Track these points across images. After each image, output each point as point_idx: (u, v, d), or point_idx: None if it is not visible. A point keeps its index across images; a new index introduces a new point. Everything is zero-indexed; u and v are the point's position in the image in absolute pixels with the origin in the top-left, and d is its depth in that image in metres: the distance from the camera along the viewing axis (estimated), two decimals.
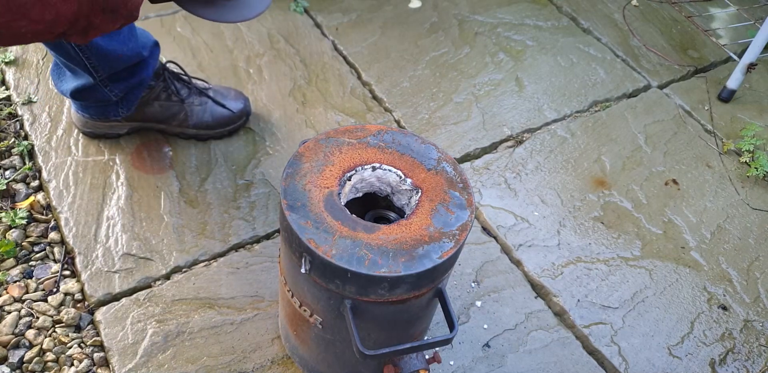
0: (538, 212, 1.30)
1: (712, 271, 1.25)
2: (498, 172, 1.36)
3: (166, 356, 1.04)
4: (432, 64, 1.57)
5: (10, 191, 1.25)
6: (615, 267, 1.23)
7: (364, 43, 1.60)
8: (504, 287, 1.18)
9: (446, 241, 0.70)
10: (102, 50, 1.08)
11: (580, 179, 1.37)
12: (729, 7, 1.82)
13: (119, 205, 1.21)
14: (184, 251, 1.16)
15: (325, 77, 1.51)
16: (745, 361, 1.13)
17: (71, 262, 1.15)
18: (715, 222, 1.33)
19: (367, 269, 0.66)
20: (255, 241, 1.20)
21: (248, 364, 1.04)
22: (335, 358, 0.88)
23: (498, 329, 1.12)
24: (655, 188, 1.38)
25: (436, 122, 1.44)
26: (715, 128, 1.52)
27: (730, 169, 1.43)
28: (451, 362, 1.07)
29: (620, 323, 1.15)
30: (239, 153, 1.33)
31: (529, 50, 1.64)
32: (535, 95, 1.53)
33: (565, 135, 1.45)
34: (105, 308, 1.09)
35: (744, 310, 1.19)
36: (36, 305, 1.10)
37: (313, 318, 0.80)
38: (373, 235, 0.69)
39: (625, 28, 1.74)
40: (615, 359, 1.10)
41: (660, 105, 1.55)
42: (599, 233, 1.28)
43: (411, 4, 1.73)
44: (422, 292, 0.73)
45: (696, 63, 1.68)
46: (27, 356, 1.04)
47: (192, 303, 1.10)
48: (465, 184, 0.75)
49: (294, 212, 0.70)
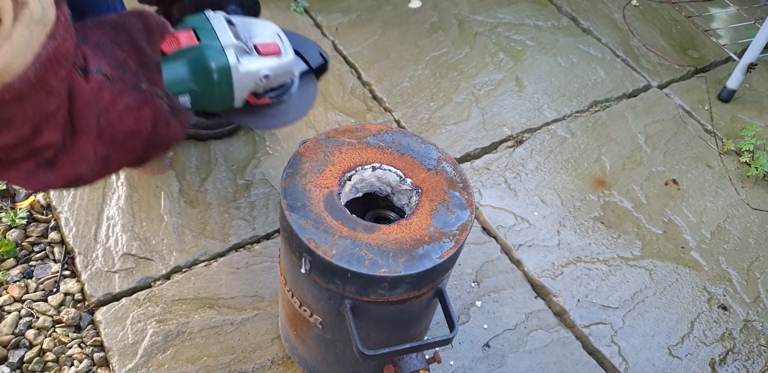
0: (538, 212, 1.30)
1: (712, 271, 1.25)
2: (498, 172, 1.36)
3: (166, 356, 1.04)
4: (432, 64, 1.57)
5: (10, 190, 1.25)
6: (615, 267, 1.23)
7: (364, 43, 1.60)
8: (504, 287, 1.18)
9: (446, 241, 0.70)
10: None
11: (580, 179, 1.37)
12: (729, 7, 1.82)
13: (119, 205, 1.21)
14: (184, 251, 1.16)
15: (325, 77, 1.51)
16: (745, 361, 1.13)
17: (71, 262, 1.15)
18: (715, 222, 1.33)
19: (367, 269, 0.66)
20: (255, 241, 1.20)
21: (248, 364, 1.04)
22: (335, 358, 0.88)
23: (498, 329, 1.12)
24: (655, 187, 1.38)
25: (436, 122, 1.44)
26: (715, 128, 1.52)
27: (730, 169, 1.43)
28: (451, 362, 1.07)
29: (620, 323, 1.15)
30: (239, 153, 1.33)
31: (529, 50, 1.64)
32: (535, 95, 1.53)
33: (565, 135, 1.45)
34: (105, 308, 1.09)
35: (744, 310, 1.19)
36: (36, 305, 1.10)
37: (313, 318, 0.80)
38: (373, 235, 0.69)
39: (625, 28, 1.74)
40: (615, 359, 1.10)
41: (660, 105, 1.55)
42: (599, 233, 1.28)
43: (411, 4, 1.73)
44: (422, 292, 0.73)
45: (696, 63, 1.68)
46: (27, 356, 1.04)
47: (192, 303, 1.10)
48: (465, 184, 0.75)
49: (294, 212, 0.70)
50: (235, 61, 0.59)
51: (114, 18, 0.57)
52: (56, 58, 0.46)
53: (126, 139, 0.55)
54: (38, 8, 0.44)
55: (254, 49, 0.61)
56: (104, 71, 0.52)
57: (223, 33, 0.60)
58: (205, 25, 0.60)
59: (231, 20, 0.62)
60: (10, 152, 0.48)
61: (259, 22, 0.64)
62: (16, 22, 0.43)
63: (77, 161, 0.53)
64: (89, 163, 0.54)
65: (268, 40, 0.62)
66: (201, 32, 0.59)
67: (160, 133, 0.58)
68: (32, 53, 0.44)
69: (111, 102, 0.52)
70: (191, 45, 0.58)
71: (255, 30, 0.63)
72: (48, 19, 0.45)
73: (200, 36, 0.59)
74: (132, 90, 0.54)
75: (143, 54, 0.56)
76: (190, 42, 0.58)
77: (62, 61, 0.47)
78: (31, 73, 0.44)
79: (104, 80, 0.52)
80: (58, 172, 0.52)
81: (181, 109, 0.60)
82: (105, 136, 0.53)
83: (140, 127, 0.56)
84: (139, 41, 0.56)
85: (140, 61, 0.56)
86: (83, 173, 0.54)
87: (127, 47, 0.55)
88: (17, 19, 0.43)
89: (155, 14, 0.59)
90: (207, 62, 0.58)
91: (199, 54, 0.58)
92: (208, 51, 0.58)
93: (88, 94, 0.50)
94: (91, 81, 0.50)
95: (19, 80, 0.44)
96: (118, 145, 0.55)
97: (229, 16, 0.63)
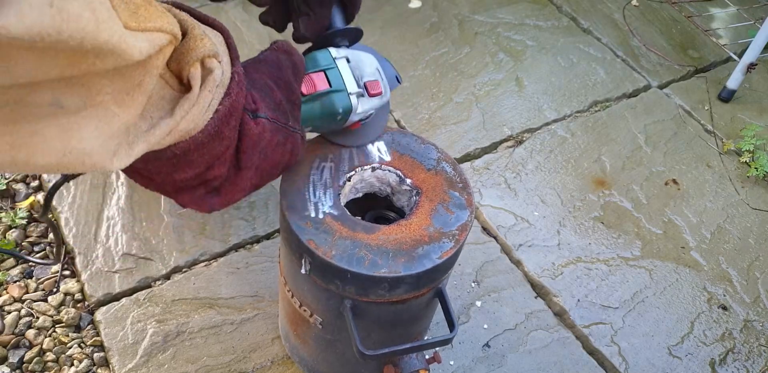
0: (538, 211, 1.30)
1: (712, 271, 1.25)
2: (498, 172, 1.36)
3: (166, 356, 1.04)
4: (432, 64, 1.57)
5: (10, 190, 1.25)
6: (615, 267, 1.23)
7: (364, 43, 1.60)
8: (504, 287, 1.18)
9: (446, 241, 0.70)
10: None
11: (580, 179, 1.37)
12: (729, 7, 1.82)
13: (119, 205, 1.21)
14: (184, 251, 1.16)
15: None
16: (745, 361, 1.13)
17: (71, 262, 1.15)
18: (715, 222, 1.33)
19: (367, 269, 0.66)
20: (255, 241, 1.20)
21: (248, 364, 1.04)
22: (335, 358, 0.88)
23: (498, 329, 1.12)
24: (655, 187, 1.38)
25: (436, 122, 1.44)
26: (715, 128, 1.52)
27: (730, 169, 1.43)
28: (451, 362, 1.07)
29: (620, 323, 1.15)
30: None
31: (529, 50, 1.64)
32: (535, 95, 1.53)
33: (565, 135, 1.45)
34: (105, 308, 1.09)
35: (744, 310, 1.19)
36: (36, 305, 1.10)
37: (313, 318, 0.80)
38: (373, 235, 0.69)
39: (625, 28, 1.74)
40: (615, 359, 1.10)
41: (660, 105, 1.55)
42: (599, 233, 1.28)
43: (411, 4, 1.73)
44: (422, 292, 0.73)
45: (696, 63, 1.68)
46: (27, 356, 1.04)
47: (192, 303, 1.10)
48: (465, 184, 0.75)
49: (294, 212, 0.70)
50: (356, 105, 0.69)
51: (270, 57, 0.64)
52: (230, 112, 0.52)
53: (272, 169, 0.65)
54: (220, 74, 0.49)
55: (365, 90, 0.70)
56: (268, 116, 0.59)
57: (348, 77, 0.69)
58: (332, 66, 0.69)
59: (348, 58, 0.71)
60: (186, 182, 0.56)
61: (364, 57, 0.72)
62: (203, 88, 0.48)
63: (238, 190, 0.61)
64: (246, 190, 0.63)
65: (373, 79, 0.71)
66: (330, 76, 0.68)
67: (293, 160, 0.67)
68: (212, 111, 0.51)
69: (270, 140, 0.60)
70: (325, 89, 0.67)
71: (364, 68, 0.71)
72: (226, 79, 0.52)
73: (331, 81, 0.68)
74: (283, 127, 0.62)
75: (293, 93, 0.63)
76: (323, 86, 0.67)
77: (234, 113, 0.53)
78: (211, 127, 0.51)
79: (267, 122, 0.59)
80: (223, 198, 0.61)
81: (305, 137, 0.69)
82: (261, 167, 0.62)
83: (285, 158, 0.65)
84: (291, 81, 0.64)
85: (289, 100, 0.63)
86: (239, 197, 0.63)
87: (282, 86, 0.63)
88: (204, 85, 0.48)
89: (297, 51, 0.67)
90: (336, 107, 0.68)
91: (330, 99, 0.67)
92: (337, 97, 0.68)
93: (254, 135, 0.57)
94: (259, 125, 0.57)
95: (201, 133, 0.51)
96: (266, 173, 0.64)
97: (346, 54, 0.71)
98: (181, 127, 0.48)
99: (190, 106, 0.48)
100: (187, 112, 0.48)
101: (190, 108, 0.48)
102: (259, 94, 0.59)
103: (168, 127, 0.47)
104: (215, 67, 0.48)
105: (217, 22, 0.53)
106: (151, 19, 0.41)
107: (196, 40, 0.47)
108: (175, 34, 0.44)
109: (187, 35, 0.47)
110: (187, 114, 0.48)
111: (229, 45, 0.53)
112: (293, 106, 0.64)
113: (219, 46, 0.51)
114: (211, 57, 0.48)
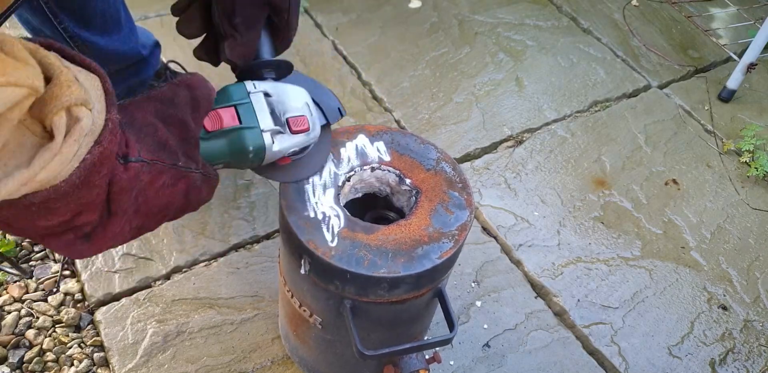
0: (538, 211, 1.30)
1: (712, 271, 1.25)
2: (498, 172, 1.36)
3: (166, 356, 1.04)
4: (432, 64, 1.57)
5: None
6: (615, 267, 1.23)
7: (364, 43, 1.60)
8: (504, 287, 1.18)
9: (445, 241, 0.70)
10: (101, 49, 1.08)
11: (580, 179, 1.37)
12: (729, 7, 1.82)
13: None
14: (184, 251, 1.16)
15: (325, 77, 1.51)
16: (745, 361, 1.13)
17: (71, 262, 1.15)
18: (715, 222, 1.33)
19: (367, 269, 0.66)
20: (255, 241, 1.20)
21: (248, 364, 1.04)
22: (335, 358, 0.88)
23: (498, 329, 1.12)
24: (655, 187, 1.38)
25: (436, 122, 1.44)
26: (715, 128, 1.52)
27: (730, 169, 1.43)
28: (451, 362, 1.07)
29: (620, 323, 1.15)
30: None
31: (529, 50, 1.64)
32: (535, 95, 1.53)
33: (565, 135, 1.45)
34: (105, 308, 1.09)
35: (744, 310, 1.19)
36: (36, 305, 1.10)
37: (313, 318, 0.80)
38: (373, 235, 0.69)
39: (625, 28, 1.74)
40: (615, 359, 1.10)
41: (660, 105, 1.55)
42: (599, 233, 1.28)
43: (411, 4, 1.73)
44: (422, 292, 0.73)
45: (696, 63, 1.67)
46: (27, 356, 1.04)
47: (192, 303, 1.10)
48: (464, 184, 0.75)
49: (293, 212, 0.70)
50: (270, 143, 0.63)
51: (164, 92, 0.59)
52: (101, 160, 0.48)
53: (160, 211, 0.59)
54: (89, 123, 0.45)
55: (287, 126, 0.65)
56: (143, 158, 0.54)
57: (262, 114, 0.63)
58: (246, 101, 0.64)
59: (268, 92, 0.65)
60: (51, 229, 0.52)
61: (291, 91, 0.67)
62: (68, 137, 0.44)
63: (112, 236, 0.56)
64: (124, 236, 0.57)
65: (298, 114, 0.66)
66: (241, 111, 0.63)
67: (191, 201, 0.61)
68: (78, 161, 0.47)
69: (148, 183, 0.55)
70: (233, 126, 0.62)
71: (288, 102, 0.66)
72: (97, 128, 0.47)
73: (241, 117, 0.63)
74: (169, 168, 0.57)
75: (186, 130, 0.59)
76: (232, 123, 0.62)
77: (106, 161, 0.49)
78: (76, 177, 0.47)
79: (142, 166, 0.54)
80: (95, 245, 0.56)
81: (212, 175, 0.63)
82: (141, 211, 0.57)
83: (174, 199, 0.59)
84: (185, 117, 0.59)
85: (182, 138, 0.59)
86: (117, 243, 0.58)
87: (173, 123, 0.58)
88: (69, 134, 0.45)
89: (205, 85, 0.62)
90: (245, 145, 0.62)
91: (239, 136, 0.62)
92: (247, 134, 0.62)
93: (125, 182, 0.52)
94: (130, 170, 0.53)
95: (64, 183, 0.46)
96: (152, 216, 0.59)
97: (266, 87, 0.65)
98: (39, 178, 0.44)
99: (51, 156, 0.44)
100: (48, 163, 0.44)
101: (51, 158, 0.44)
102: (136, 135, 0.55)
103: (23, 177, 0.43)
104: (84, 115, 0.45)
105: (93, 65, 0.49)
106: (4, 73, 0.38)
107: (62, 87, 0.43)
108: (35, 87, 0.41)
109: (53, 81, 0.44)
110: (48, 164, 0.44)
111: (106, 90, 0.49)
112: (187, 143, 0.59)
113: (92, 90, 0.47)
114: (79, 105, 0.44)
